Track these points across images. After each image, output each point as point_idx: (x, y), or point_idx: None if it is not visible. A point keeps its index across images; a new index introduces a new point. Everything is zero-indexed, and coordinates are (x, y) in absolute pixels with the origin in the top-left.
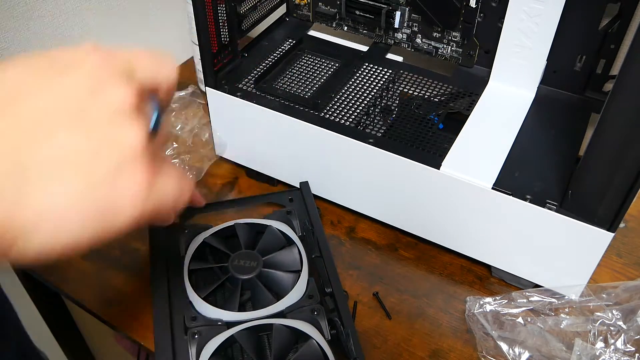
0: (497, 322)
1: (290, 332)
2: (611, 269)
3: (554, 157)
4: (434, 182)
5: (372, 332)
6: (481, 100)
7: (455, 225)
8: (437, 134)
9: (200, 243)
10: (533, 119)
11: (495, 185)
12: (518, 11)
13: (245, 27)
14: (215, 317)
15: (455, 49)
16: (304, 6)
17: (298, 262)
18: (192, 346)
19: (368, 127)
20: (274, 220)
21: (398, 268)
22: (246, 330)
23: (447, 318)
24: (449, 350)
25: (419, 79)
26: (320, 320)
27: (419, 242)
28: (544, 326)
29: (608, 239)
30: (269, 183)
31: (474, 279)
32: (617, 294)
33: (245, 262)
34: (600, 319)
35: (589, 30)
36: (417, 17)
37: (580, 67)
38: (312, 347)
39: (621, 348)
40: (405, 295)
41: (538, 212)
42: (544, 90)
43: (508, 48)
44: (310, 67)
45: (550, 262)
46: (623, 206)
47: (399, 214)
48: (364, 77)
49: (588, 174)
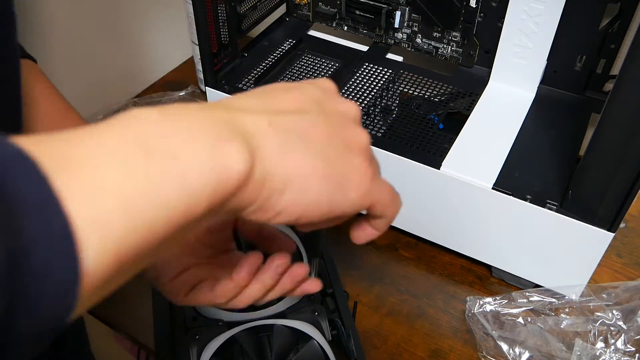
0: (497, 322)
1: (291, 332)
2: (611, 269)
3: (554, 157)
4: (434, 182)
5: (372, 332)
6: (481, 100)
7: (455, 225)
8: (437, 134)
9: None
10: (533, 119)
11: (495, 185)
12: (518, 11)
13: (245, 27)
14: (216, 317)
15: (455, 49)
16: (304, 6)
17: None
18: (193, 346)
19: (368, 127)
20: None
21: (398, 268)
22: (247, 331)
23: (447, 318)
24: (449, 350)
25: (419, 79)
26: (321, 321)
27: (419, 242)
28: (544, 326)
29: (608, 239)
30: None
31: (474, 279)
32: (617, 294)
33: None
34: (600, 319)
35: (589, 30)
36: (417, 17)
37: (580, 67)
38: (313, 347)
39: (621, 348)
40: (405, 295)
41: (538, 212)
42: (544, 90)
43: (508, 48)
44: (310, 67)
45: (550, 262)
46: (623, 206)
47: (399, 214)
48: (364, 77)
49: (588, 174)
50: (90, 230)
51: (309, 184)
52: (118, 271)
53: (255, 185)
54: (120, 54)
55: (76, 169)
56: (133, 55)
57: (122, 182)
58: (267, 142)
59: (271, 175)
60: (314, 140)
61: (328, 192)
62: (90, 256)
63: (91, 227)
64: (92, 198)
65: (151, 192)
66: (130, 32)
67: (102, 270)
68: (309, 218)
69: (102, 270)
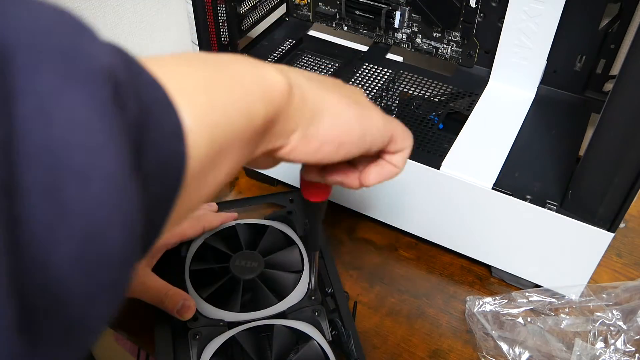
0: (497, 322)
1: (291, 332)
2: (611, 269)
3: (554, 157)
4: (434, 182)
5: (372, 332)
6: (481, 100)
7: (455, 225)
8: (437, 134)
9: (201, 244)
10: (533, 119)
11: (495, 185)
12: (518, 11)
13: (245, 27)
14: (216, 317)
15: (455, 49)
16: (304, 6)
17: (299, 262)
18: (193, 346)
19: None
20: (274, 220)
21: (398, 268)
22: (247, 331)
23: (447, 318)
24: (449, 350)
25: (419, 79)
26: (321, 321)
27: (419, 242)
28: (544, 326)
29: (608, 239)
30: (269, 183)
31: (474, 279)
32: (617, 294)
33: (246, 263)
34: (600, 319)
35: (589, 30)
36: (417, 17)
37: (580, 67)
38: (313, 347)
39: (621, 348)
40: (405, 295)
41: (538, 212)
42: (544, 90)
43: (508, 48)
44: (310, 67)
45: (550, 262)
46: (623, 206)
47: (399, 214)
48: (364, 77)
49: (588, 174)
50: (188, 99)
51: (339, 108)
52: (211, 153)
53: (297, 105)
54: None
55: (180, 67)
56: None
57: (207, 77)
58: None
59: (307, 99)
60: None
61: (357, 115)
62: (190, 119)
63: (189, 98)
64: (199, 92)
65: (233, 96)
66: (130, 32)
67: (200, 140)
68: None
69: (200, 141)
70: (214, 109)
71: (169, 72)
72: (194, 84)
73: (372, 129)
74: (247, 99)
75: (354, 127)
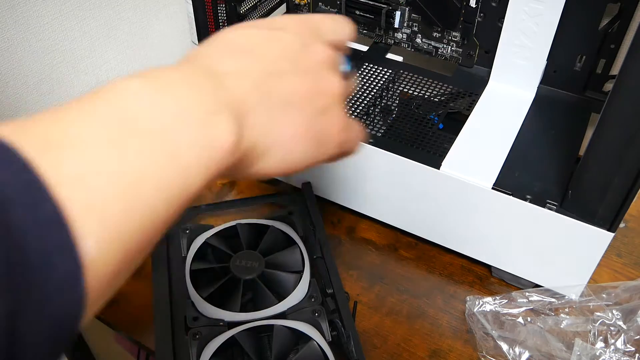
0: (497, 322)
1: (291, 333)
2: (611, 269)
3: (554, 157)
4: (434, 182)
5: (372, 332)
6: (481, 100)
7: (455, 225)
8: (437, 134)
9: (202, 243)
10: (533, 119)
11: (495, 185)
12: (518, 11)
13: None
14: (216, 317)
15: (455, 49)
16: (304, 6)
17: (300, 263)
18: (193, 346)
19: (368, 127)
20: (275, 220)
21: (398, 268)
22: (247, 331)
23: (447, 318)
24: (449, 350)
25: (419, 79)
26: (321, 322)
27: (419, 242)
28: (544, 326)
29: (608, 239)
30: (270, 183)
31: (474, 279)
32: (617, 294)
33: (247, 263)
34: (600, 319)
35: (589, 30)
36: (417, 17)
37: (580, 67)
38: (313, 348)
39: (621, 348)
40: (405, 295)
41: (538, 212)
42: (544, 90)
43: (508, 48)
44: None
45: (550, 262)
46: (623, 206)
47: (399, 214)
48: (364, 77)
49: (588, 174)
50: (87, 216)
51: (292, 146)
52: (125, 259)
53: (244, 152)
54: (120, 55)
55: (64, 152)
56: (132, 55)
57: (114, 163)
58: (252, 109)
59: (258, 141)
60: (294, 102)
61: (310, 151)
62: (92, 245)
63: (87, 212)
64: (85, 182)
65: (147, 173)
66: (130, 31)
67: (107, 259)
68: (294, 173)
69: (108, 259)
70: (133, 211)
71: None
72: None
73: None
74: (183, 174)
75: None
